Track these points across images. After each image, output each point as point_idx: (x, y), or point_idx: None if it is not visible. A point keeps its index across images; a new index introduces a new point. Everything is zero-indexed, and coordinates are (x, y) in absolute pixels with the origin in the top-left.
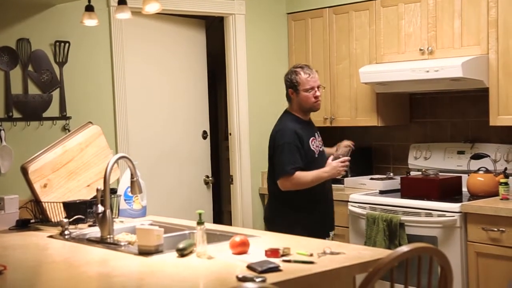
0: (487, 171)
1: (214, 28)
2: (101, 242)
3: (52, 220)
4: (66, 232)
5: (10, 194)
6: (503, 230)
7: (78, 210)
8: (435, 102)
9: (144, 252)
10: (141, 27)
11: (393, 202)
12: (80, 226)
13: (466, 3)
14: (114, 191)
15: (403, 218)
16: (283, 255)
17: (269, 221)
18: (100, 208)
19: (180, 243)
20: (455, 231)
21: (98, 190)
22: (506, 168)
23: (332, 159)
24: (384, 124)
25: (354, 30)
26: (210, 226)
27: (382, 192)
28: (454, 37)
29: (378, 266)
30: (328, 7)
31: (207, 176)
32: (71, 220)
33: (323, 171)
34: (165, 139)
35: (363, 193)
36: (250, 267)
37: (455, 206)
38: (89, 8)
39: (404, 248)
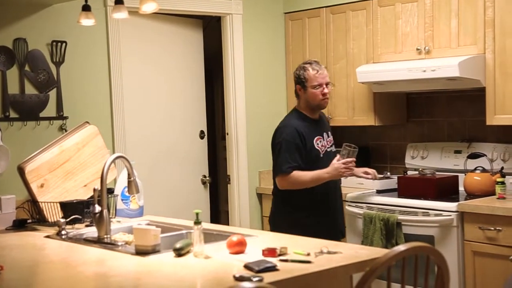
0: (484, 171)
1: (211, 28)
2: (98, 242)
3: (49, 220)
4: (63, 232)
5: (7, 194)
6: (500, 229)
7: (75, 210)
8: (432, 102)
9: (141, 252)
10: (138, 27)
11: (390, 202)
12: (77, 226)
13: (463, 3)
14: (111, 191)
15: (400, 218)
16: (280, 255)
17: (270, 221)
18: (97, 208)
19: (177, 243)
20: (452, 230)
21: (95, 190)
22: (502, 168)
23: (337, 160)
24: (381, 124)
25: (351, 30)
26: (207, 225)
27: (379, 192)
28: (451, 36)
29: (375, 266)
30: (325, 6)
31: (204, 176)
32: (68, 220)
33: (324, 172)
34: (162, 138)
35: (360, 192)
36: (247, 267)
37: (452, 206)
38: (86, 8)
39: (401, 248)
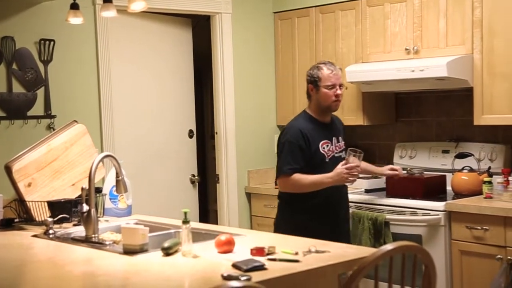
0: (471, 170)
1: (200, 27)
2: (86, 241)
3: (37, 219)
4: (51, 231)
5: None
6: (487, 228)
7: (62, 209)
8: (420, 102)
9: (129, 251)
10: (126, 26)
11: (378, 201)
12: (64, 225)
13: (451, 3)
14: (99, 190)
15: (388, 217)
16: (268, 254)
17: (274, 224)
18: (85, 207)
19: (166, 242)
20: (440, 229)
21: (83, 189)
22: (490, 167)
23: (341, 165)
24: (369, 123)
25: (340, 30)
26: (196, 225)
27: (368, 191)
28: (439, 36)
29: (362, 265)
30: (314, 6)
31: (193, 175)
32: (55, 219)
33: (327, 177)
34: (151, 138)
35: (348, 191)
36: (235, 266)
37: (440, 205)
38: (74, 6)
39: (388, 247)
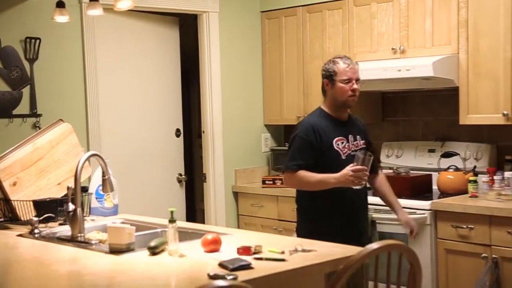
0: (457, 169)
1: (188, 26)
2: (71, 240)
3: (22, 218)
4: (36, 230)
5: None
6: (472, 227)
7: (48, 209)
8: (407, 101)
9: (115, 250)
10: (113, 24)
11: None
12: (50, 224)
13: (437, 3)
14: (85, 189)
15: (375, 216)
16: (254, 253)
17: (296, 230)
18: (71, 207)
19: (152, 241)
20: (426, 228)
21: (69, 188)
22: (475, 166)
23: (350, 166)
24: None
25: (327, 29)
26: (182, 224)
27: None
28: (426, 36)
29: (348, 263)
30: (301, 5)
31: (180, 174)
32: (41, 218)
33: (332, 177)
34: (137, 136)
35: None
36: (221, 265)
37: (426, 204)
38: (60, 4)
39: (374, 246)
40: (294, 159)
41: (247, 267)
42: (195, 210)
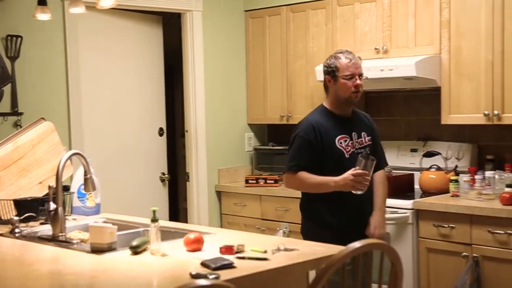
0: (439, 169)
1: (172, 24)
2: (52, 240)
3: (2, 218)
4: (17, 230)
5: None
6: (453, 226)
7: (29, 208)
8: (390, 101)
9: (97, 250)
10: (96, 22)
11: None
12: (31, 224)
13: (420, 4)
14: (67, 189)
15: None
16: (237, 252)
17: (301, 232)
18: (52, 206)
19: (134, 241)
20: (407, 227)
21: (50, 187)
22: (456, 166)
23: (352, 170)
24: None
25: (311, 29)
26: (165, 223)
27: None
28: (408, 36)
29: (330, 262)
30: (285, 5)
31: (163, 173)
32: (22, 218)
33: (333, 180)
34: (120, 135)
35: None
36: (204, 264)
37: (408, 203)
38: (41, 2)
39: (356, 245)
40: (294, 159)
41: (230, 266)
42: (178, 209)
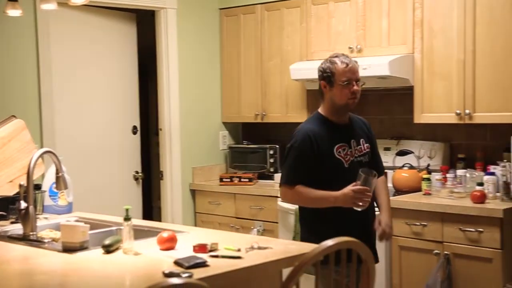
0: (411, 167)
1: (146, 22)
2: (23, 239)
3: None
4: None
5: None
6: (425, 224)
7: None
8: (363, 100)
9: (69, 249)
10: (68, 19)
11: None
12: (1, 223)
13: (393, 4)
14: (38, 187)
15: None
16: (210, 251)
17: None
18: (23, 204)
19: (106, 240)
20: None
21: (21, 186)
22: (429, 165)
23: (352, 185)
24: None
25: (285, 27)
26: (138, 222)
27: None
28: (382, 36)
29: (303, 260)
30: (260, 3)
31: (137, 172)
32: None
33: (332, 195)
34: (93, 134)
35: None
36: (177, 263)
37: None
38: None
39: (329, 243)
40: (290, 172)
41: (203, 264)
42: (151, 208)
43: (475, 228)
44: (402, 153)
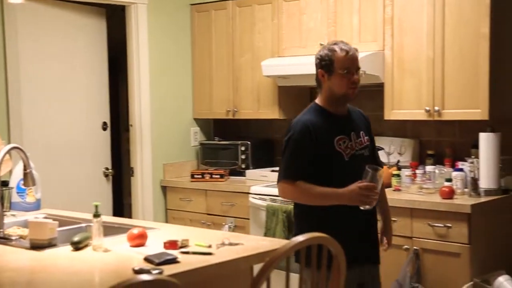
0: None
1: (117, 17)
2: None
3: None
4: None
5: None
6: (395, 219)
7: None
8: None
9: (37, 246)
10: (36, 13)
11: None
12: None
13: (364, 1)
14: (5, 184)
15: None
16: (181, 247)
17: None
18: None
19: (75, 236)
20: None
21: None
22: (399, 161)
23: (358, 183)
24: (285, 117)
25: (257, 24)
26: (108, 218)
27: None
28: (353, 33)
29: (274, 256)
30: None
31: (107, 168)
32: None
33: (336, 193)
34: (62, 129)
35: (264, 185)
36: (147, 259)
37: None
38: None
39: (299, 238)
40: (290, 167)
41: (173, 261)
42: (122, 204)
43: (443, 223)
44: None
